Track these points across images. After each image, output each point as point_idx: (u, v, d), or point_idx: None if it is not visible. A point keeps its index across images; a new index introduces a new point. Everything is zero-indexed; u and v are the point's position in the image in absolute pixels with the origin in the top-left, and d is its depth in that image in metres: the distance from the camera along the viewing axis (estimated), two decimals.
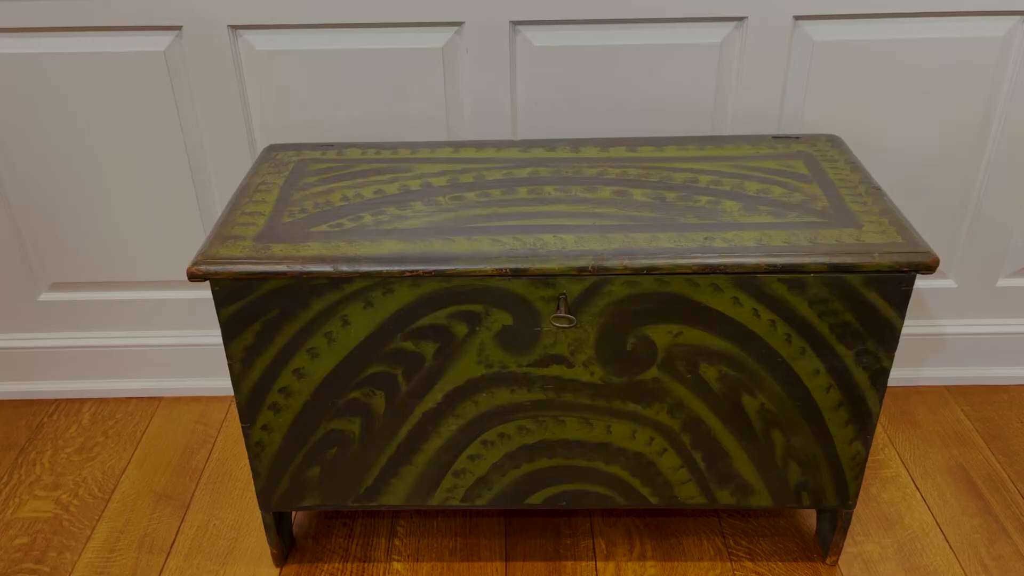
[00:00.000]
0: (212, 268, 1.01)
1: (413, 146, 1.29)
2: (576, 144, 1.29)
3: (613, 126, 1.38)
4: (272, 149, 1.30)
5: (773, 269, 1.00)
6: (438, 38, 1.31)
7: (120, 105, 1.36)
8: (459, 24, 1.30)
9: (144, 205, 1.45)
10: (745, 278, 1.01)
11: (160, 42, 1.31)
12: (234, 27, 1.30)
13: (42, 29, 1.30)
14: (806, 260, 0.99)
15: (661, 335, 1.06)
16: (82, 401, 1.61)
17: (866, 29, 1.31)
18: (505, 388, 1.10)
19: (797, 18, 1.30)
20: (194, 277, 1.00)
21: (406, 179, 1.19)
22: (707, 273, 1.00)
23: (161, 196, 1.44)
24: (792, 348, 1.06)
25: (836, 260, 0.99)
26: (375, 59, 1.32)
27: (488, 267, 1.00)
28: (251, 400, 1.11)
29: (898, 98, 1.36)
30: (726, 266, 0.99)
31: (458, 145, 1.29)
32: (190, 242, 1.48)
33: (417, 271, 1.00)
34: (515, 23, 1.30)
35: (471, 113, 1.37)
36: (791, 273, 1.00)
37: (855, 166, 1.21)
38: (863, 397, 1.09)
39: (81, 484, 1.42)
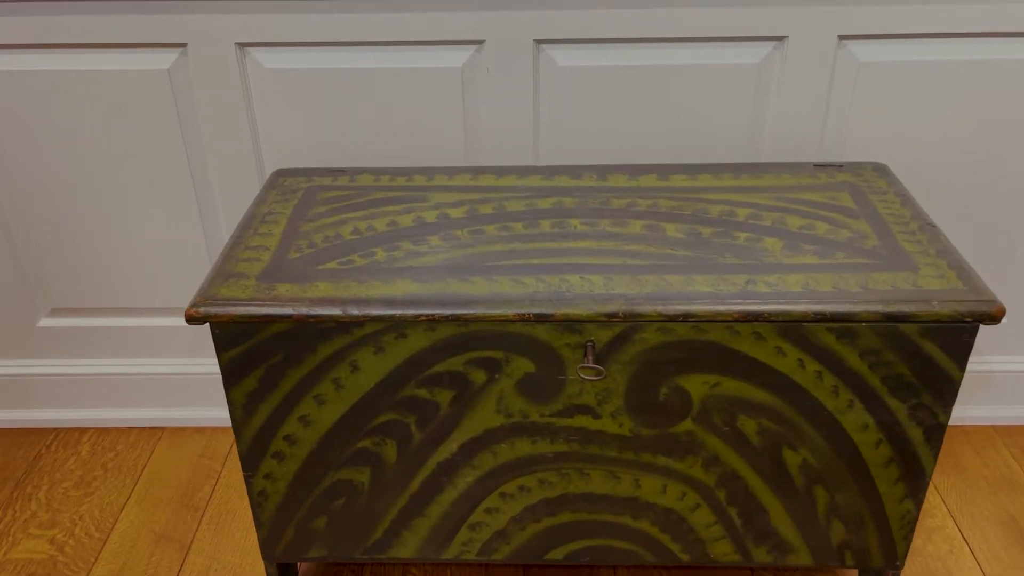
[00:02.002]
0: (212, 310, 0.93)
1: (429, 172, 1.21)
2: (603, 171, 1.21)
3: (642, 152, 1.29)
4: (280, 174, 1.23)
5: (822, 318, 0.91)
6: (457, 57, 1.23)
7: (122, 125, 1.29)
8: (480, 43, 1.22)
9: (147, 229, 1.38)
10: (791, 327, 0.92)
11: (164, 60, 1.24)
12: (242, 44, 1.23)
13: (40, 46, 1.23)
14: (858, 308, 0.91)
15: (696, 385, 0.97)
16: (82, 431, 1.54)
17: (914, 49, 1.22)
18: (526, 439, 1.02)
19: (842, 37, 1.21)
20: (193, 320, 0.93)
21: (422, 210, 1.11)
22: (749, 321, 0.92)
23: (164, 220, 1.37)
24: (839, 401, 0.98)
25: (891, 309, 0.91)
26: (390, 79, 1.24)
27: (509, 312, 0.92)
28: (253, 448, 1.03)
29: (948, 123, 1.26)
30: (770, 314, 0.91)
31: (477, 171, 1.21)
32: (194, 268, 1.41)
33: (432, 315, 0.92)
34: (539, 42, 1.22)
35: (491, 136, 1.29)
36: (841, 322, 0.92)
37: (905, 199, 1.12)
38: (916, 453, 1.01)
39: (78, 522, 1.35)
